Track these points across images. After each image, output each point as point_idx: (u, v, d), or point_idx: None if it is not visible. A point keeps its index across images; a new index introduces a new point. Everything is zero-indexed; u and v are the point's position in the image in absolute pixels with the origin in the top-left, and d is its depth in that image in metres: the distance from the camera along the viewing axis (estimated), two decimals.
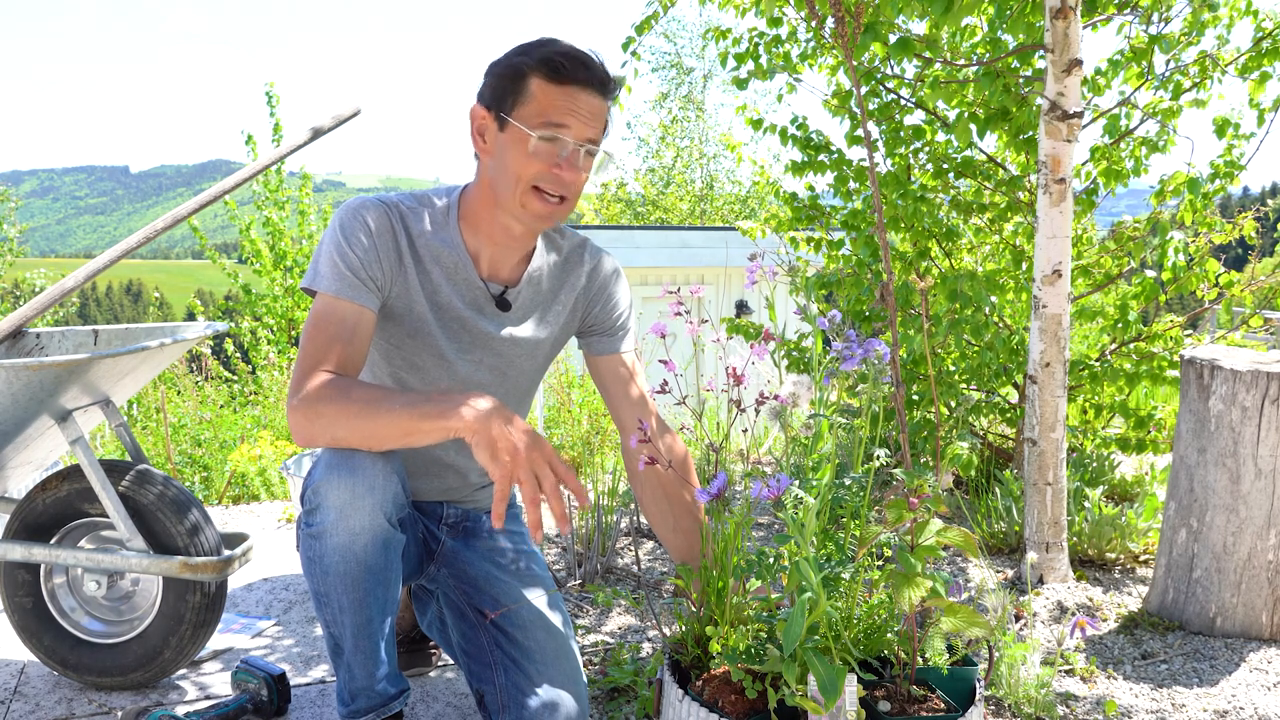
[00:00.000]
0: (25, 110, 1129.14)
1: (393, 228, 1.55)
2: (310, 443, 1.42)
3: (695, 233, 11.13)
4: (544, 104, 1.48)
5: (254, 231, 9.04)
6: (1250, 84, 2.92)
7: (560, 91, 1.47)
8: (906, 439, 1.41)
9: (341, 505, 1.42)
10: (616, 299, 1.77)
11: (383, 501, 1.44)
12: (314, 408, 1.38)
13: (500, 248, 1.62)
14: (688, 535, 1.69)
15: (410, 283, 1.58)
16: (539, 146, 1.48)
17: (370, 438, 1.38)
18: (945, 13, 2.24)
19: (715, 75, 19.38)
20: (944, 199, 3.30)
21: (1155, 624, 2.23)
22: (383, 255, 1.53)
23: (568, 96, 1.48)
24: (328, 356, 1.44)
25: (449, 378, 1.65)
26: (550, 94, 1.47)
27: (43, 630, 1.95)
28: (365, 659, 1.54)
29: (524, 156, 1.49)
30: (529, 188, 1.51)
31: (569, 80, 1.47)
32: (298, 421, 1.39)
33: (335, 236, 1.51)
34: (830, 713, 1.23)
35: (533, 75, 1.48)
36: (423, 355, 1.62)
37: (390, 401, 1.37)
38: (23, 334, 2.21)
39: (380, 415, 1.36)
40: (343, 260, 1.50)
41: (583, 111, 1.49)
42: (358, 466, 1.42)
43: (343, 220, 1.53)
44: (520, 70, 1.48)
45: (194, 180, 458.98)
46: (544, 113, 1.47)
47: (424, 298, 1.59)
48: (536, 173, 1.49)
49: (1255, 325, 3.26)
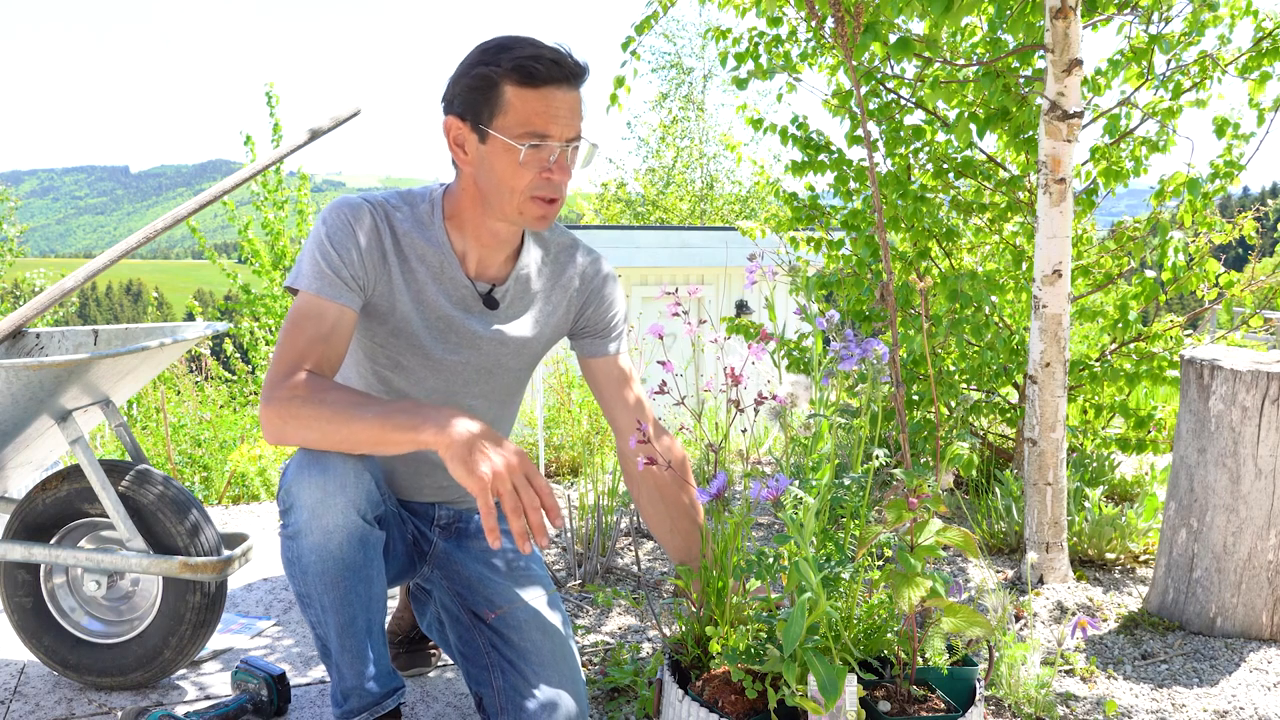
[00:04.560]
0: (25, 110, 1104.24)
1: (377, 227, 1.55)
2: (280, 441, 1.41)
3: (695, 233, 11.13)
4: (523, 113, 1.45)
5: (252, 231, 9.04)
6: (1250, 84, 2.92)
7: (537, 95, 1.44)
8: (906, 439, 1.41)
9: (313, 505, 1.42)
10: (610, 301, 1.76)
11: (355, 499, 1.44)
12: (288, 407, 1.38)
13: (487, 248, 1.62)
14: (685, 537, 1.69)
15: (394, 282, 1.57)
16: (528, 156, 1.46)
17: (341, 443, 1.38)
18: (945, 12, 2.24)
19: (715, 75, 19.38)
20: (944, 199, 3.30)
21: (1155, 624, 2.23)
22: (366, 254, 1.53)
23: (545, 100, 1.45)
24: (306, 355, 1.44)
25: (434, 377, 1.64)
26: (528, 100, 1.44)
27: (43, 630, 1.95)
28: (353, 658, 1.53)
29: (514, 168, 1.47)
30: (527, 198, 1.50)
31: (544, 83, 1.45)
32: (270, 419, 1.39)
33: (318, 235, 1.51)
34: (830, 713, 1.23)
35: (505, 83, 1.44)
36: (407, 355, 1.62)
37: (365, 409, 1.37)
38: (23, 334, 2.21)
39: (353, 421, 1.35)
40: (324, 259, 1.49)
41: (563, 111, 1.47)
42: (329, 465, 1.42)
43: (327, 219, 1.52)
44: (491, 79, 1.44)
45: (194, 180, 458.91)
46: (525, 122, 1.45)
47: (409, 297, 1.58)
48: (529, 182, 1.48)
49: (1255, 325, 3.26)
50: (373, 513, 1.49)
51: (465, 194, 1.57)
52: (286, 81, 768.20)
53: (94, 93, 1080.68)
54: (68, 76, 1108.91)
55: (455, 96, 1.49)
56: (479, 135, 1.48)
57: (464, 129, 1.50)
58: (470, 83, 1.47)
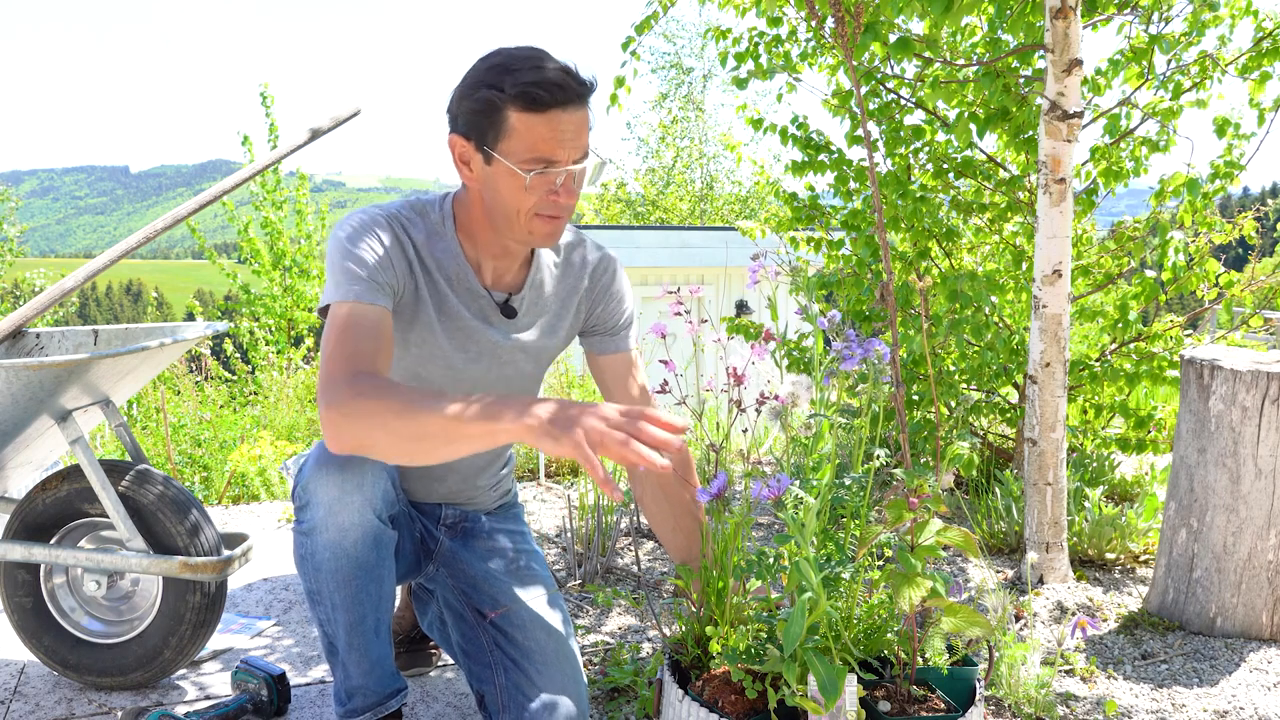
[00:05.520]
0: (25, 110, 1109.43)
1: (398, 238, 1.52)
2: (343, 442, 1.31)
3: (695, 233, 11.14)
4: (529, 139, 1.41)
5: (252, 231, 9.05)
6: (1250, 84, 2.92)
7: (542, 120, 1.39)
8: (906, 439, 1.41)
9: (330, 502, 1.42)
10: (619, 298, 1.76)
11: (372, 498, 1.44)
12: (354, 405, 1.28)
13: (500, 260, 1.61)
14: (688, 535, 1.69)
15: (420, 293, 1.56)
16: (534, 182, 1.43)
17: (411, 438, 1.26)
18: (945, 12, 2.23)
19: (715, 75, 19.39)
20: (944, 199, 3.30)
21: (1155, 624, 2.23)
22: (395, 263, 1.50)
23: (550, 124, 1.40)
24: (359, 357, 1.37)
25: (454, 386, 1.64)
26: (533, 126, 1.40)
27: (43, 630, 1.95)
28: (360, 657, 1.54)
29: (519, 191, 1.44)
30: (533, 216, 1.47)
31: (548, 107, 1.39)
32: (334, 419, 1.28)
33: (345, 247, 1.46)
34: (830, 713, 1.23)
35: (509, 108, 1.39)
36: (427, 365, 1.61)
37: (436, 402, 1.25)
38: (23, 334, 2.21)
39: (424, 415, 1.24)
40: (357, 265, 1.45)
41: (569, 134, 1.42)
42: (346, 463, 1.41)
43: (349, 233, 1.48)
44: (495, 104, 1.40)
45: (194, 180, 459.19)
46: (531, 148, 1.41)
47: (432, 308, 1.57)
48: (535, 204, 1.45)
49: (1255, 325, 3.26)
50: (387, 512, 1.49)
51: (474, 208, 1.55)
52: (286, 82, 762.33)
53: (94, 93, 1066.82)
54: (68, 76, 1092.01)
55: (459, 115, 1.46)
56: (484, 156, 1.45)
57: (469, 148, 1.47)
58: (474, 105, 1.42)
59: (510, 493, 1.93)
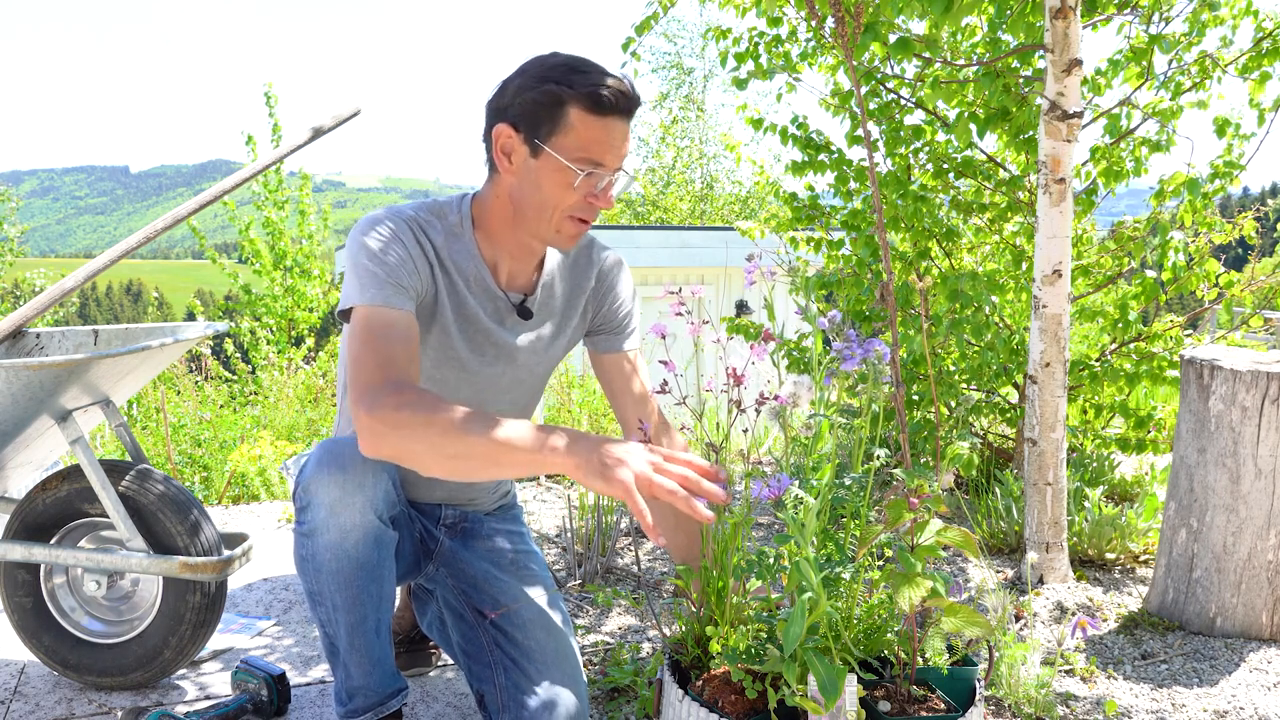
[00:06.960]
0: (25, 110, 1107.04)
1: (418, 240, 1.52)
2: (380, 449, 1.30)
3: (695, 233, 11.14)
4: (585, 138, 1.44)
5: (253, 231, 9.04)
6: (1250, 84, 2.92)
7: (601, 124, 1.44)
8: (906, 439, 1.41)
9: (332, 502, 1.42)
10: (623, 298, 1.77)
11: (373, 498, 1.44)
12: (397, 415, 1.27)
13: (516, 259, 1.62)
14: (689, 535, 1.69)
15: (440, 295, 1.56)
16: (582, 183, 1.46)
17: (453, 457, 1.27)
18: (945, 12, 2.24)
19: (715, 75, 19.40)
20: (944, 199, 3.30)
21: (1155, 624, 2.23)
22: (417, 264, 1.50)
23: (607, 130, 1.45)
24: (392, 362, 1.36)
25: (468, 387, 1.64)
26: (591, 127, 1.44)
27: (43, 630, 1.95)
28: (361, 657, 1.54)
29: (562, 188, 1.46)
30: (565, 216, 1.49)
31: (609, 112, 1.44)
32: (375, 427, 1.28)
33: (365, 250, 1.46)
34: (830, 713, 1.23)
35: (573, 105, 1.43)
36: (442, 367, 1.61)
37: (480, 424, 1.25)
38: (23, 334, 2.21)
39: (468, 437, 1.24)
40: (381, 269, 1.44)
41: (619, 143, 1.47)
42: (348, 464, 1.41)
43: (368, 235, 1.48)
44: (560, 99, 1.43)
45: (194, 180, 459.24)
46: (585, 147, 1.44)
47: (450, 310, 1.57)
48: (574, 204, 1.48)
49: (1255, 325, 3.27)
50: (388, 513, 1.49)
51: (497, 203, 1.55)
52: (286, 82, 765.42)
53: (94, 93, 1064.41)
54: (68, 76, 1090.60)
55: (512, 106, 1.47)
56: (531, 149, 1.47)
57: (515, 139, 1.48)
58: (536, 97, 1.44)
59: (509, 493, 1.94)
